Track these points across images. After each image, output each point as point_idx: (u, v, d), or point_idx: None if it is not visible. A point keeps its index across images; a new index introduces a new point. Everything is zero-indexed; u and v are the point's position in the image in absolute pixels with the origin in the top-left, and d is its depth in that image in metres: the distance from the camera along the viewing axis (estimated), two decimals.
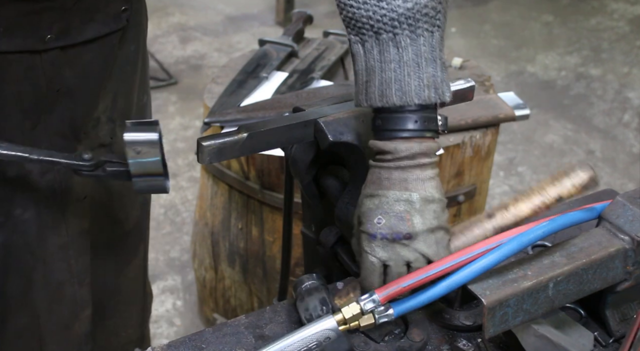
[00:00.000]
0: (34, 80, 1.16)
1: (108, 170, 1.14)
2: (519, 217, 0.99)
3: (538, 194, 1.00)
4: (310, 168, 1.23)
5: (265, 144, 1.12)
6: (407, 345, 1.01)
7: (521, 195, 1.01)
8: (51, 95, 1.19)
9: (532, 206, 0.99)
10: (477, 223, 1.00)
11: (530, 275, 0.94)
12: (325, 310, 1.00)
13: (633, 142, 3.87)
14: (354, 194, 1.12)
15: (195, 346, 1.02)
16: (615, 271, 1.00)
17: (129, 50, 1.33)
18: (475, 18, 5.38)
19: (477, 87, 2.19)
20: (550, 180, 1.00)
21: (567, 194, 0.99)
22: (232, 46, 4.78)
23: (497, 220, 0.99)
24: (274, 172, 1.96)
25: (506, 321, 0.93)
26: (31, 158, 1.11)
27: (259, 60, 2.31)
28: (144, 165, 1.07)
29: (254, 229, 2.12)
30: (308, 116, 1.13)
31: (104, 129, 1.32)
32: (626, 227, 1.00)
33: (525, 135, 3.93)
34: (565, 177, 1.00)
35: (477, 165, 2.07)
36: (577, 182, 0.99)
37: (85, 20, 1.18)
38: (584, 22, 5.32)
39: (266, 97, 2.13)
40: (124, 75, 1.35)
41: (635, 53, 4.86)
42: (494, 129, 2.07)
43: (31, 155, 1.11)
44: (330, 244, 1.22)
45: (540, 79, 4.54)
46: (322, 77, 2.22)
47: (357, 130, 1.11)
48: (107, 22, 1.22)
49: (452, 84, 1.26)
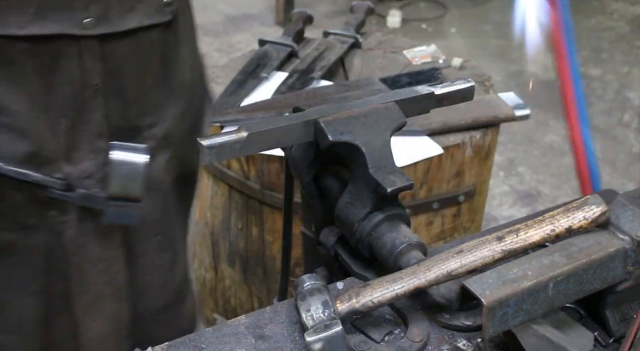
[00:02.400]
0: (69, 71, 1.07)
1: (80, 192, 1.09)
2: (528, 243, 1.00)
3: (549, 223, 1.00)
4: (310, 168, 1.23)
5: (265, 144, 1.12)
6: (407, 345, 1.01)
7: (532, 221, 1.01)
8: (90, 91, 1.10)
9: (543, 234, 1.00)
10: (486, 244, 1.00)
11: (530, 275, 0.94)
12: (326, 311, 1.00)
13: (633, 142, 3.87)
14: (354, 194, 1.12)
15: (195, 346, 1.02)
16: (615, 271, 1.00)
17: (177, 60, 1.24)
18: (475, 18, 5.38)
19: (477, 87, 2.18)
20: (562, 210, 1.01)
21: (578, 226, 1.00)
22: (232, 46, 4.78)
23: (507, 244, 1.00)
24: (274, 172, 1.96)
25: (506, 321, 0.93)
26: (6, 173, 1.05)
27: (259, 60, 2.31)
28: (125, 187, 1.04)
29: (254, 229, 2.12)
30: (308, 116, 1.13)
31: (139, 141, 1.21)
32: (626, 227, 1.00)
33: (525, 135, 3.93)
34: (577, 208, 1.00)
35: (477, 165, 2.07)
36: (589, 215, 1.00)
37: (124, 7, 1.09)
38: (584, 22, 5.31)
39: (266, 97, 2.13)
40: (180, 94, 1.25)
41: (635, 53, 4.86)
42: (494, 129, 2.07)
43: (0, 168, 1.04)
44: (330, 244, 1.22)
45: (540, 79, 4.54)
46: (322, 77, 2.22)
47: (357, 130, 1.11)
48: (149, 13, 1.13)
49: (452, 83, 1.27)
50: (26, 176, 1.06)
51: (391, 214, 1.11)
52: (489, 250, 0.99)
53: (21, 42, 1.02)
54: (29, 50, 1.04)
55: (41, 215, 1.17)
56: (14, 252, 1.16)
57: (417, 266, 1.00)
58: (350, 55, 2.41)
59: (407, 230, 1.11)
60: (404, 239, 1.08)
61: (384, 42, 2.52)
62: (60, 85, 1.09)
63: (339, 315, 0.96)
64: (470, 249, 1.00)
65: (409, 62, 2.39)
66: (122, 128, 1.19)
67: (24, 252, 1.18)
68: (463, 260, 0.99)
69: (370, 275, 1.15)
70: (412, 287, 0.98)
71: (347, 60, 2.37)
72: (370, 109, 1.15)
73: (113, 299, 1.30)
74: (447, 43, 4.89)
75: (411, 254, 1.07)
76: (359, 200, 1.11)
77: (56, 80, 1.08)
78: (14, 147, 1.08)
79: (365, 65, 2.34)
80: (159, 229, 1.37)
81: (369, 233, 1.10)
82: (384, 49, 2.47)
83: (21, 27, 1.01)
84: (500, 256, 0.99)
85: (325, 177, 1.23)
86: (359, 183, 1.11)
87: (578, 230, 1.01)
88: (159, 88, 1.23)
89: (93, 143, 1.15)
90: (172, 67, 1.24)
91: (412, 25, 5.15)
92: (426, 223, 2.07)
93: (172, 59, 1.23)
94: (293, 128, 1.12)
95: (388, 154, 1.11)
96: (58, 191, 1.09)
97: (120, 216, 1.09)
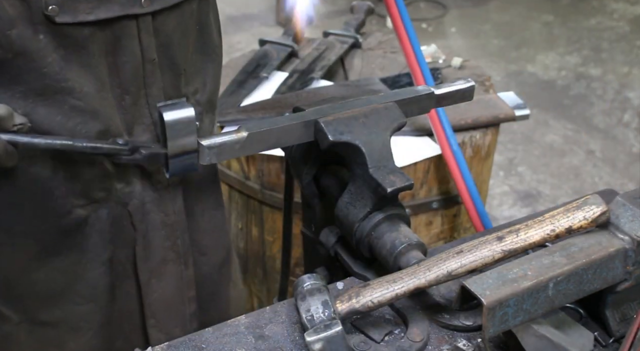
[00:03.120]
0: (131, 50, 1.14)
1: (144, 153, 1.15)
2: (528, 243, 1.00)
3: (549, 223, 1.00)
4: (310, 168, 1.23)
5: (265, 144, 1.13)
6: (407, 345, 1.01)
7: (532, 221, 1.01)
8: (149, 66, 1.17)
9: (543, 234, 1.00)
10: (486, 244, 1.00)
11: (530, 275, 0.94)
12: (326, 311, 1.00)
13: (633, 142, 3.88)
14: (354, 194, 1.12)
15: (195, 346, 1.02)
16: (615, 271, 1.00)
17: (215, 29, 1.32)
18: (475, 18, 5.38)
19: (477, 87, 2.19)
20: (562, 210, 1.01)
21: (578, 226, 1.00)
22: (232, 46, 4.78)
23: (507, 244, 1.00)
24: (274, 172, 1.96)
25: (506, 321, 0.93)
26: (75, 146, 1.10)
27: (259, 60, 2.32)
28: (183, 144, 1.09)
29: (254, 229, 2.12)
30: (308, 116, 1.13)
31: None
32: (626, 227, 1.00)
33: (525, 135, 3.93)
34: (577, 208, 1.01)
35: (477, 165, 2.07)
36: (589, 215, 1.00)
37: None
38: (584, 22, 5.32)
39: (266, 97, 2.13)
40: (214, 57, 1.33)
41: (635, 53, 4.86)
42: (494, 129, 2.07)
43: (74, 143, 1.10)
44: (330, 244, 1.22)
45: (540, 79, 4.54)
46: (322, 77, 2.22)
47: (357, 130, 1.11)
48: None
49: (452, 83, 1.27)
50: (98, 149, 1.13)
51: (391, 214, 1.11)
52: (489, 250, 0.99)
53: (88, 27, 1.09)
54: (94, 34, 1.10)
55: (109, 188, 1.23)
56: (86, 226, 1.22)
57: (417, 267, 1.00)
58: (350, 55, 2.41)
59: (407, 230, 1.11)
60: (404, 239, 1.08)
61: (384, 42, 2.52)
62: (123, 63, 1.15)
63: (339, 315, 0.96)
64: (470, 249, 1.00)
65: None
66: (174, 98, 1.25)
67: (95, 226, 1.24)
68: (463, 260, 0.99)
69: (370, 275, 1.15)
70: (412, 287, 0.98)
71: (347, 60, 2.37)
72: (370, 109, 1.15)
73: (176, 263, 1.36)
74: (447, 43, 4.89)
75: (411, 254, 1.07)
76: (359, 200, 1.11)
77: (119, 59, 1.15)
78: (87, 128, 1.15)
79: (365, 65, 2.34)
80: (212, 189, 1.46)
81: (369, 233, 1.10)
82: (384, 49, 2.47)
83: (89, 13, 1.07)
84: (500, 256, 1.00)
85: (325, 177, 1.23)
86: (359, 183, 1.11)
87: (578, 230, 1.01)
88: (199, 55, 1.30)
89: (153, 115, 1.22)
90: (207, 32, 1.31)
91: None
92: (426, 223, 2.07)
93: (206, 24, 1.30)
94: (293, 128, 1.12)
95: (388, 154, 1.11)
96: (126, 156, 1.16)
97: (182, 167, 1.14)
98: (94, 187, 1.21)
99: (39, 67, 1.07)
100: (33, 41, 1.05)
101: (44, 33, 1.05)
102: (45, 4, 1.03)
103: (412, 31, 1.98)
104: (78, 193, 1.20)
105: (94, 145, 1.12)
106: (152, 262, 1.33)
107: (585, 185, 3.55)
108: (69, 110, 1.12)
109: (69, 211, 1.20)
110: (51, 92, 1.10)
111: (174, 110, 1.08)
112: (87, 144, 1.11)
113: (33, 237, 1.20)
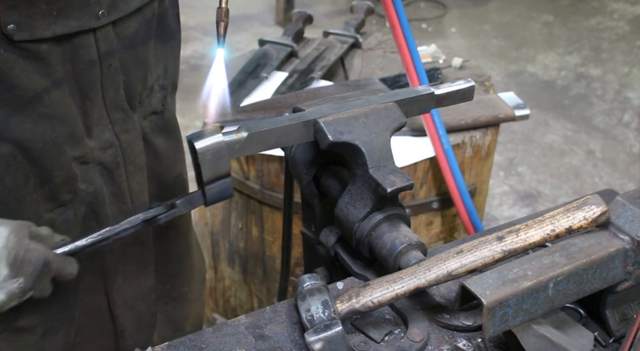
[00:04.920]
0: (89, 58, 1.18)
1: (178, 202, 1.18)
2: (528, 243, 1.00)
3: (549, 223, 1.00)
4: (310, 168, 1.23)
5: (265, 144, 1.12)
6: (407, 345, 1.01)
7: (532, 221, 1.01)
8: (105, 70, 1.22)
9: (543, 234, 1.00)
10: (486, 244, 1.00)
11: (530, 275, 0.95)
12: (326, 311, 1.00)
13: (633, 142, 3.87)
14: (354, 194, 1.12)
15: (195, 346, 1.02)
16: (615, 271, 1.00)
17: (171, 15, 1.36)
18: (475, 18, 5.38)
19: (477, 87, 2.19)
20: (562, 210, 1.01)
21: (578, 226, 1.00)
22: (232, 46, 4.78)
23: (507, 244, 1.00)
24: (274, 172, 1.96)
25: (506, 321, 0.93)
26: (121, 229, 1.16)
27: (259, 60, 2.31)
28: (216, 169, 1.10)
29: (254, 229, 2.12)
30: (308, 116, 1.13)
31: (156, 97, 1.36)
32: (626, 227, 1.00)
33: (525, 135, 3.93)
34: (577, 208, 1.01)
35: (477, 165, 2.07)
36: (589, 215, 1.00)
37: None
38: (584, 22, 5.31)
39: (266, 97, 2.13)
40: (173, 42, 1.38)
41: (635, 53, 4.86)
42: (494, 129, 2.07)
43: (118, 229, 1.16)
44: (330, 244, 1.22)
45: (540, 79, 4.54)
46: (322, 77, 2.22)
47: (357, 130, 1.11)
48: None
49: (452, 83, 1.27)
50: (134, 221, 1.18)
51: (391, 214, 1.11)
52: (489, 250, 0.99)
53: (46, 42, 1.13)
54: (52, 47, 1.14)
55: (74, 190, 1.27)
56: (54, 229, 1.23)
57: (417, 267, 1.00)
58: (350, 55, 2.41)
59: (407, 230, 1.11)
60: (404, 239, 1.08)
61: (384, 42, 2.52)
62: (82, 71, 1.20)
63: (339, 315, 0.96)
64: (470, 249, 1.00)
65: None
66: (140, 92, 1.32)
67: (62, 227, 1.27)
68: (463, 260, 0.99)
69: (370, 275, 1.15)
70: (412, 287, 0.98)
71: (347, 60, 2.37)
72: (370, 109, 1.15)
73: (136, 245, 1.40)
74: (447, 43, 4.89)
75: (411, 254, 1.07)
76: (359, 200, 1.11)
77: (77, 66, 1.19)
78: (56, 133, 1.19)
79: (365, 65, 2.34)
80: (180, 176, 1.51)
81: (369, 233, 1.10)
82: (384, 49, 2.47)
83: (46, 29, 1.12)
84: (500, 256, 1.00)
85: (325, 177, 1.23)
86: (359, 183, 1.11)
87: (578, 230, 1.01)
88: (158, 43, 1.34)
89: (111, 115, 1.27)
90: (164, 20, 1.35)
91: (412, 25, 5.12)
92: (426, 223, 2.07)
93: (164, 14, 1.34)
94: (293, 128, 1.12)
95: (388, 154, 1.11)
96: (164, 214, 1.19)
97: (219, 193, 1.16)
98: (62, 190, 1.24)
99: (8, 78, 1.11)
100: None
101: (4, 48, 1.09)
102: (3, 23, 1.07)
103: (409, 31, 1.98)
104: (48, 198, 1.24)
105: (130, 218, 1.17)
106: (117, 249, 1.37)
107: (585, 185, 3.55)
108: (38, 117, 1.16)
109: (39, 216, 1.23)
110: (21, 101, 1.13)
111: (203, 138, 1.09)
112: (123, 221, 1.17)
113: None
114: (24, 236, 1.10)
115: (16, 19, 1.08)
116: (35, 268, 1.09)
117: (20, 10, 1.08)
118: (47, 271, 1.11)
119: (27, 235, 1.11)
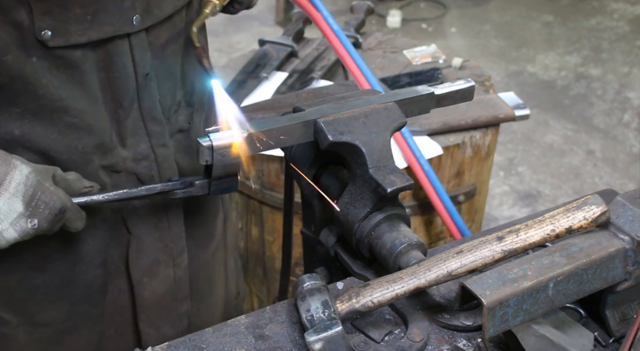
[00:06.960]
0: (123, 66, 1.17)
1: (197, 183, 1.19)
2: (528, 243, 1.00)
3: (549, 223, 1.00)
4: (310, 168, 1.23)
5: (265, 144, 1.12)
6: (407, 345, 1.01)
7: (532, 221, 1.01)
8: (141, 80, 1.20)
9: (543, 234, 1.00)
10: (486, 244, 1.00)
11: (530, 275, 0.94)
12: (326, 311, 1.00)
13: (633, 142, 3.87)
14: (354, 194, 1.12)
15: (195, 346, 1.02)
16: (615, 271, 1.00)
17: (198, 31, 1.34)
18: (475, 18, 5.38)
19: (477, 87, 2.19)
20: (562, 210, 1.01)
21: (578, 226, 1.00)
22: (232, 46, 4.78)
23: (507, 244, 1.00)
24: (274, 172, 1.96)
25: (506, 321, 0.93)
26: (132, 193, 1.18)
27: (259, 60, 2.32)
28: (226, 168, 1.11)
29: (254, 229, 2.12)
30: (308, 116, 1.13)
31: (183, 114, 1.34)
32: (626, 227, 1.00)
33: (525, 135, 3.93)
34: (577, 208, 1.01)
35: (477, 165, 2.07)
36: (589, 215, 1.00)
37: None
38: (584, 22, 5.32)
39: (266, 97, 2.13)
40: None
41: (635, 53, 4.86)
42: (494, 129, 2.07)
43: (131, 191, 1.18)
44: (330, 244, 1.22)
45: (540, 79, 4.54)
46: (322, 77, 2.22)
47: (357, 130, 1.11)
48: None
49: (452, 83, 1.27)
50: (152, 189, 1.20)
51: (391, 214, 1.11)
52: (489, 250, 0.99)
53: (81, 48, 1.11)
54: (87, 54, 1.13)
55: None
56: (82, 233, 1.24)
57: (417, 267, 1.00)
58: None
59: (407, 230, 1.11)
60: (404, 239, 1.08)
61: (384, 42, 2.52)
62: (116, 79, 1.18)
63: (339, 315, 0.96)
64: (470, 249, 1.00)
65: (409, 62, 2.39)
66: (170, 107, 1.30)
67: (90, 231, 1.26)
68: (463, 260, 0.99)
69: (370, 275, 1.15)
70: (412, 287, 0.98)
71: None
72: (370, 109, 1.15)
73: (168, 264, 1.39)
74: (447, 43, 4.89)
75: (411, 254, 1.07)
76: (359, 200, 1.11)
77: (112, 74, 1.17)
78: (83, 143, 1.18)
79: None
80: None
81: (368, 233, 1.10)
82: (384, 49, 2.47)
83: (81, 34, 1.10)
84: (500, 256, 1.00)
85: (325, 177, 1.23)
86: (359, 183, 1.11)
87: (578, 230, 1.01)
88: (187, 58, 1.32)
89: (147, 127, 1.25)
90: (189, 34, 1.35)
91: (412, 25, 5.15)
92: (426, 223, 2.07)
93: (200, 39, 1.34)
94: (293, 128, 1.12)
95: (388, 154, 1.11)
96: (181, 190, 1.20)
97: (223, 189, 1.18)
98: None
99: (35, 89, 1.10)
100: (27, 65, 1.08)
101: (37, 56, 1.08)
102: (38, 28, 1.05)
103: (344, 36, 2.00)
104: None
105: (149, 186, 1.19)
106: (144, 261, 1.35)
107: (585, 185, 3.55)
108: (64, 127, 1.15)
109: None
110: (47, 111, 1.12)
111: (220, 136, 1.10)
112: (142, 187, 1.19)
113: (32, 249, 1.21)
114: (46, 178, 1.09)
115: (51, 24, 1.06)
116: (51, 212, 1.08)
117: (54, 15, 1.06)
118: (62, 217, 1.10)
119: (50, 179, 1.10)
